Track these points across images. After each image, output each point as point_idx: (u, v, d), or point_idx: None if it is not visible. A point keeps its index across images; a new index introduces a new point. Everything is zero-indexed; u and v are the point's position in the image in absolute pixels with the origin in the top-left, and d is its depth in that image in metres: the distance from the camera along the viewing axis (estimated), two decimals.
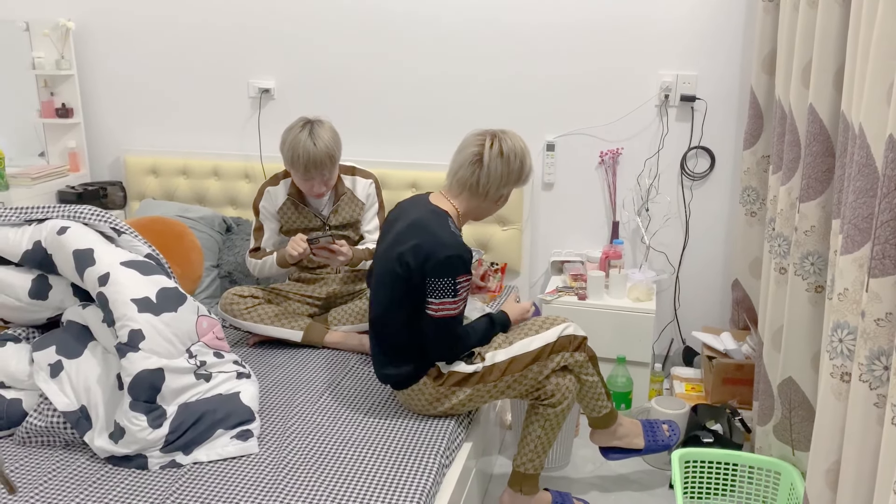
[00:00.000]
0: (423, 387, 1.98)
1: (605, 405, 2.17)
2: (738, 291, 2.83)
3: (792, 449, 2.06)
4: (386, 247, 1.98)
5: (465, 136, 2.04)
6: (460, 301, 1.90)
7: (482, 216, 2.08)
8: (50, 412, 1.87)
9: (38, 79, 3.38)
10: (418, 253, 1.87)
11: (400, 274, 1.90)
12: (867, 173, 1.37)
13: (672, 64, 2.89)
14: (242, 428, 1.90)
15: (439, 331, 1.91)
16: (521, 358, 1.99)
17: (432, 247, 1.86)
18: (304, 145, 2.32)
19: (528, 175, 2.03)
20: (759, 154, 2.66)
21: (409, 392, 2.00)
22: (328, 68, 3.21)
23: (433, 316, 1.89)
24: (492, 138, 1.97)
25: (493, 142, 1.96)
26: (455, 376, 1.99)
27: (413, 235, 1.90)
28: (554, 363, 2.02)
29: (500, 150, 1.96)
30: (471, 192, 1.99)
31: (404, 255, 1.89)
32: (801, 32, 2.01)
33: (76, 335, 1.99)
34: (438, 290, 1.87)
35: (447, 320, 1.90)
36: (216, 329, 2.04)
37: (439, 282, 1.86)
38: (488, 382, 1.99)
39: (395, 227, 1.99)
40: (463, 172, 1.98)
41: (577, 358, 2.06)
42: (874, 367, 1.30)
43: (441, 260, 1.85)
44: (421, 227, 1.91)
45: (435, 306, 1.88)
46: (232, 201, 3.34)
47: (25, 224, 2.10)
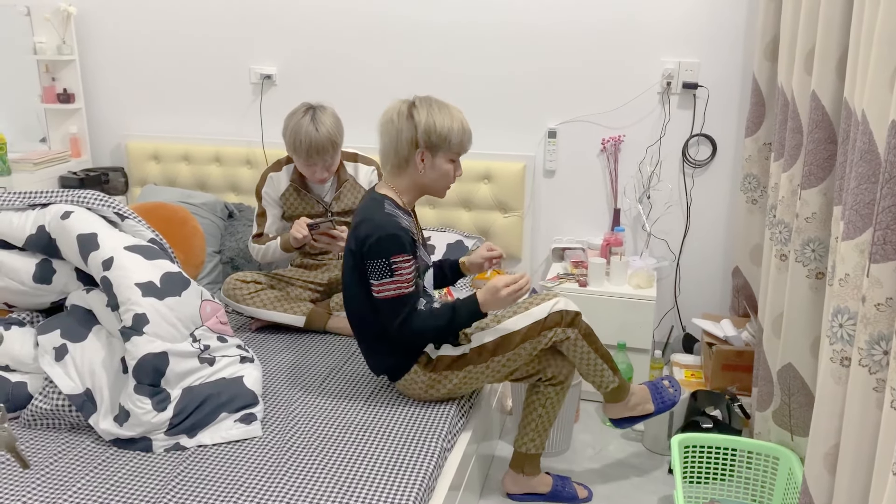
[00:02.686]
0: (415, 375, 2.00)
1: (612, 380, 2.10)
2: (738, 278, 2.84)
3: (791, 434, 2.08)
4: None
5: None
6: (401, 282, 1.88)
7: (427, 190, 2.01)
8: (55, 395, 1.88)
9: (40, 64, 3.37)
10: (357, 237, 1.91)
11: (354, 263, 1.94)
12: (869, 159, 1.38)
13: (674, 51, 2.89)
14: (246, 411, 1.91)
15: (384, 311, 1.91)
16: (511, 337, 1.98)
17: (367, 229, 1.88)
18: (307, 130, 2.32)
19: (427, 135, 1.90)
20: (761, 141, 2.66)
21: (403, 382, 2.01)
22: (330, 54, 3.20)
23: (376, 297, 1.91)
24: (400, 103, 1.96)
25: (390, 110, 1.94)
26: (444, 360, 1.99)
27: (354, 222, 1.95)
28: (547, 339, 1.99)
29: (391, 117, 1.93)
30: (390, 167, 1.98)
31: (350, 243, 1.94)
32: (805, 19, 2.01)
33: (80, 319, 2.00)
34: (376, 272, 1.89)
35: (390, 301, 1.89)
36: (220, 313, 2.05)
37: (375, 262, 1.88)
38: (479, 364, 1.99)
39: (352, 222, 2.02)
40: (382, 147, 1.97)
41: (569, 334, 2.01)
42: (874, 351, 1.32)
43: (374, 241, 1.87)
44: (359, 214, 1.96)
45: (376, 287, 1.90)
46: (233, 187, 3.34)
47: (29, 208, 2.10)
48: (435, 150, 1.94)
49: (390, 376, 2.03)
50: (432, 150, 1.93)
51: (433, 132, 1.91)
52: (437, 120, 1.91)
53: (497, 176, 3.05)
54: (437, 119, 1.91)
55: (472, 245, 3.00)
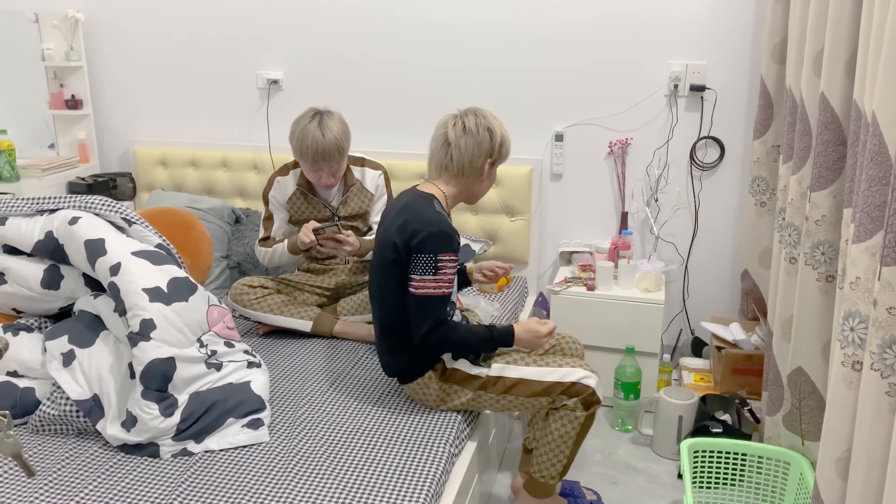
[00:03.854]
0: (428, 381, 1.98)
1: (554, 476, 2.03)
2: (747, 282, 2.82)
3: (801, 439, 2.06)
4: (379, 237, 2.00)
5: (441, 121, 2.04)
6: (442, 282, 1.88)
7: (473, 197, 2.07)
8: (63, 401, 1.88)
9: (48, 70, 3.39)
10: (404, 231, 1.89)
11: (392, 259, 1.91)
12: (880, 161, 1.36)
13: (681, 53, 2.87)
14: (253, 417, 1.91)
15: (420, 308, 1.88)
16: (531, 384, 1.96)
17: (416, 224, 1.88)
18: (314, 136, 2.32)
19: (500, 146, 2.00)
20: (769, 144, 2.65)
21: (414, 386, 2.00)
22: (336, 59, 3.21)
23: (413, 293, 1.88)
24: (454, 118, 1.99)
25: (457, 121, 1.98)
26: (458, 374, 1.98)
27: (400, 217, 1.93)
28: (560, 402, 1.97)
29: (463, 127, 1.96)
30: (449, 173, 2.00)
31: (394, 237, 1.91)
32: (813, 20, 2.00)
33: (88, 324, 2.00)
34: (419, 266, 1.87)
35: (428, 298, 1.87)
36: (227, 319, 2.05)
37: (421, 257, 1.87)
38: (490, 392, 1.97)
39: (387, 218, 2.00)
40: (437, 156, 2.00)
41: (578, 414, 1.97)
42: (886, 355, 1.30)
43: (424, 236, 1.86)
44: (407, 209, 1.94)
45: (416, 283, 1.88)
46: (241, 192, 3.34)
47: (37, 214, 2.11)
48: (498, 161, 2.03)
49: (403, 378, 2.01)
50: (497, 160, 2.03)
51: (504, 144, 2.02)
52: (505, 133, 2.03)
53: (504, 179, 3.04)
54: (505, 132, 2.03)
55: (479, 249, 3.00)
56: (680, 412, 2.48)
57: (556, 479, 2.04)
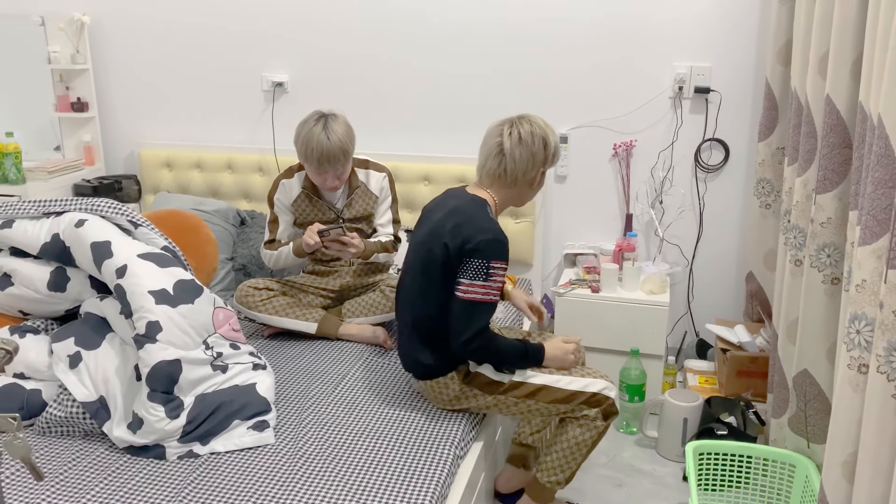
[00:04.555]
0: (449, 381, 1.97)
1: (559, 482, 2.03)
2: (752, 284, 2.82)
3: (807, 441, 2.05)
4: (423, 234, 1.97)
5: (489, 129, 2.03)
6: (491, 289, 1.87)
7: (521, 202, 2.08)
8: (69, 403, 1.89)
9: (54, 73, 3.41)
10: (457, 234, 1.88)
11: (439, 259, 1.89)
12: (886, 164, 1.36)
13: (686, 55, 2.87)
14: (259, 419, 1.91)
15: (465, 313, 1.86)
16: (554, 391, 1.96)
17: (471, 229, 1.87)
18: (318, 139, 2.33)
19: (554, 154, 2.01)
20: (774, 146, 2.64)
21: (433, 383, 1.99)
22: (341, 62, 3.21)
23: (461, 297, 1.86)
24: (510, 126, 1.97)
25: (511, 129, 1.97)
26: (480, 378, 1.97)
27: (452, 220, 1.91)
28: (580, 412, 1.98)
29: (518, 137, 1.96)
30: (501, 182, 2.00)
31: (444, 238, 1.89)
32: (818, 22, 1.99)
33: (94, 327, 2.01)
34: (470, 271, 1.86)
35: (475, 304, 1.86)
36: (232, 321, 2.05)
37: (473, 262, 1.86)
38: (511, 397, 1.97)
39: (433, 217, 1.98)
40: (490, 164, 1.98)
41: (598, 424, 1.99)
42: (892, 358, 1.30)
43: (478, 241, 1.86)
44: (460, 213, 1.93)
45: (464, 287, 1.86)
46: (246, 194, 3.35)
47: (44, 217, 2.12)
48: (549, 167, 2.05)
49: (422, 375, 1.99)
50: (548, 167, 2.03)
51: (557, 152, 2.03)
52: (557, 140, 2.03)
53: None
54: (556, 139, 2.03)
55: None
56: (685, 414, 2.47)
57: (562, 484, 2.04)
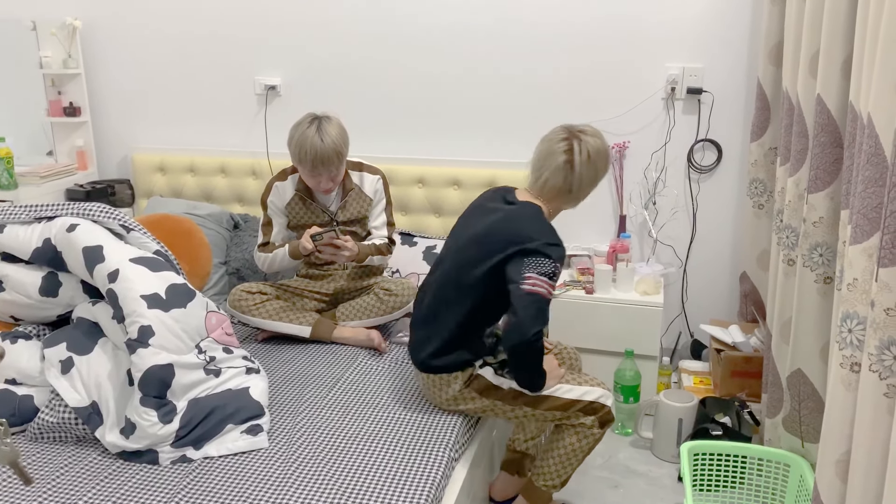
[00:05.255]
0: (452, 380, 1.96)
1: (555, 486, 2.04)
2: (746, 284, 2.82)
3: (801, 441, 2.06)
4: (481, 229, 1.95)
5: (545, 140, 2.01)
6: (553, 289, 1.86)
7: (557, 212, 2.09)
8: (61, 408, 1.88)
9: (46, 78, 3.40)
10: (521, 233, 1.87)
11: (496, 255, 1.88)
12: (876, 163, 1.36)
13: (678, 56, 2.88)
14: (252, 423, 1.90)
15: (535, 306, 1.81)
16: (552, 399, 1.97)
17: (541, 232, 1.88)
18: (312, 141, 2.33)
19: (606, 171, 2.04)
20: (767, 146, 2.65)
21: (436, 379, 1.97)
22: (334, 64, 3.21)
23: (529, 289, 1.81)
24: (577, 142, 1.96)
25: (580, 146, 1.95)
26: (481, 381, 1.97)
27: (515, 221, 1.91)
28: (577, 420, 1.98)
29: (588, 155, 1.95)
30: (560, 197, 2.00)
31: (507, 235, 1.88)
32: (809, 22, 2.00)
33: (86, 332, 2.00)
34: (540, 266, 1.84)
35: (542, 299, 1.82)
36: (225, 325, 2.05)
37: (543, 260, 1.84)
38: (508, 403, 1.97)
39: (490, 216, 1.96)
40: (554, 179, 1.97)
41: (595, 432, 1.99)
42: (884, 356, 1.30)
43: (547, 243, 1.86)
44: (524, 216, 1.93)
45: (533, 280, 1.82)
46: (239, 198, 3.35)
47: (35, 222, 2.11)
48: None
49: (430, 368, 1.97)
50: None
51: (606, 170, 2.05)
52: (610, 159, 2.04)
53: (502, 184, 3.04)
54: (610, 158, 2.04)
55: None
56: (680, 415, 2.48)
57: (557, 488, 2.04)
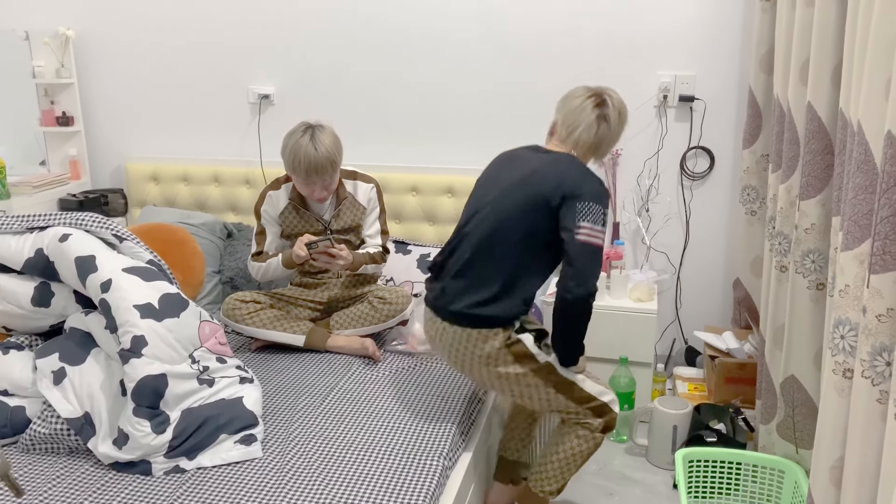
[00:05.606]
0: (493, 336, 1.88)
1: (552, 490, 2.04)
2: (739, 290, 2.83)
3: (795, 447, 2.06)
4: (520, 176, 1.92)
5: (571, 97, 2.00)
6: (604, 236, 1.86)
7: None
8: (53, 419, 1.87)
9: (39, 87, 3.39)
10: (569, 180, 1.85)
11: (553, 206, 1.85)
12: (866, 170, 1.37)
13: (670, 64, 2.90)
14: (246, 432, 1.90)
15: (591, 256, 1.80)
16: (576, 389, 1.95)
17: (586, 178, 1.87)
18: (306, 150, 2.33)
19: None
20: (759, 153, 2.66)
21: (473, 332, 1.89)
22: (327, 73, 3.22)
23: (585, 240, 1.80)
24: (607, 97, 1.97)
25: (610, 100, 1.97)
26: (520, 347, 1.90)
27: (561, 164, 1.90)
28: (584, 417, 1.98)
29: (619, 110, 1.98)
30: (590, 153, 2.00)
31: (555, 183, 1.86)
32: (799, 30, 2.02)
33: (79, 342, 2.00)
34: (592, 214, 1.82)
35: (597, 249, 1.82)
36: (218, 334, 2.04)
37: (593, 206, 1.83)
38: (536, 378, 1.92)
39: (528, 163, 1.94)
40: (585, 135, 1.96)
41: (596, 434, 1.99)
42: (876, 363, 1.31)
43: (596, 188, 1.86)
44: (568, 161, 1.92)
45: (587, 230, 1.81)
46: (233, 207, 3.34)
47: (27, 232, 2.10)
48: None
49: (473, 321, 1.89)
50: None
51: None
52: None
53: None
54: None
55: None
56: (674, 422, 2.48)
57: (554, 494, 2.04)
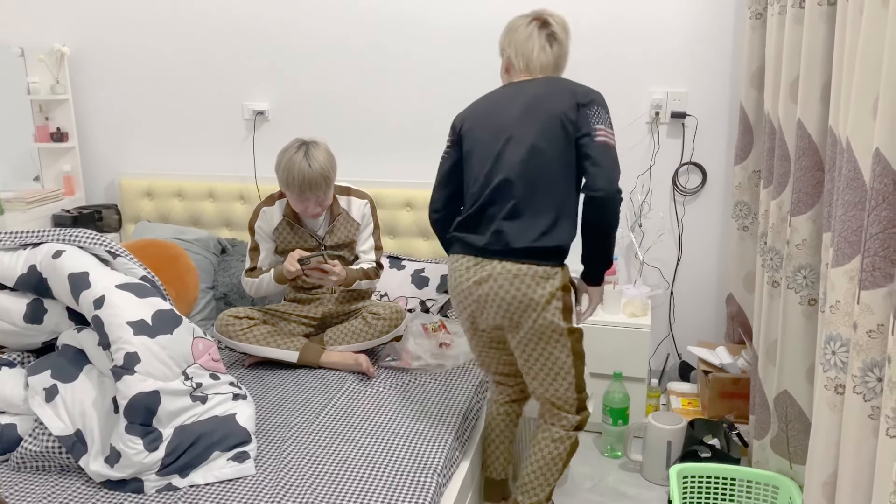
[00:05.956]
0: (553, 274, 1.92)
1: (542, 500, 2.06)
2: (732, 305, 2.84)
3: (789, 462, 2.06)
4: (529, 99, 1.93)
5: (514, 29, 2.01)
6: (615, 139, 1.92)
7: None
8: (45, 437, 1.86)
9: (33, 104, 3.40)
10: (577, 92, 1.90)
11: (560, 122, 1.88)
12: (855, 186, 1.39)
13: (662, 81, 2.92)
14: (239, 450, 1.89)
15: (611, 156, 1.86)
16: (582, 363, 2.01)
17: (586, 88, 1.92)
18: (300, 166, 2.34)
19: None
20: (750, 169, 2.68)
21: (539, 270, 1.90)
22: (322, 89, 3.23)
23: (604, 141, 1.86)
24: (548, 17, 1.99)
25: (552, 19, 1.99)
26: (568, 299, 1.95)
27: (559, 84, 1.93)
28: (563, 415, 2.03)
29: (562, 24, 2.00)
30: (553, 72, 2.02)
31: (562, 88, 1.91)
32: (788, 49, 2.04)
33: (71, 359, 1.99)
34: (601, 118, 1.88)
35: (612, 147, 1.87)
36: (212, 351, 2.04)
37: (603, 111, 1.89)
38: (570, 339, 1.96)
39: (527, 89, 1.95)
40: (544, 57, 1.98)
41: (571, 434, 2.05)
42: (868, 378, 1.31)
43: (600, 95, 1.91)
44: (559, 80, 1.94)
45: (603, 132, 1.86)
46: (227, 223, 3.34)
47: (20, 248, 2.10)
48: None
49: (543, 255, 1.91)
50: None
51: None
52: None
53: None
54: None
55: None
56: (668, 437, 2.47)
57: (544, 502, 2.05)
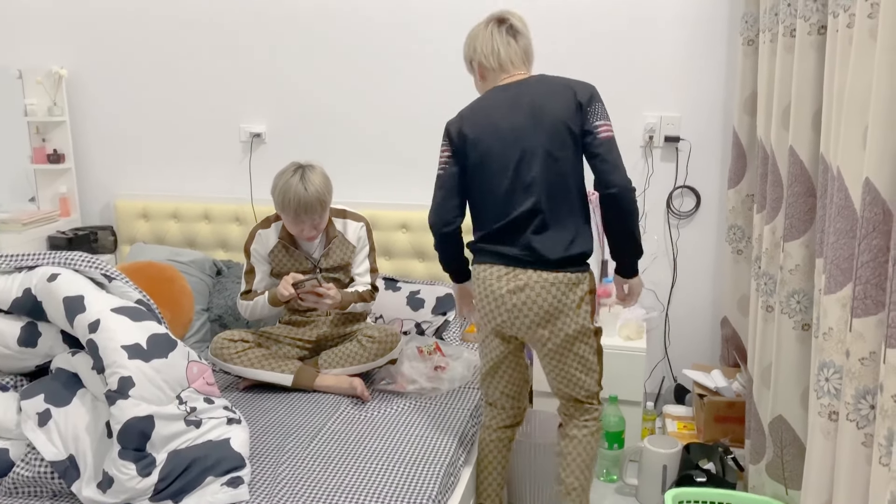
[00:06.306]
0: (582, 279, 1.97)
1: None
2: (727, 329, 2.84)
3: (785, 487, 2.06)
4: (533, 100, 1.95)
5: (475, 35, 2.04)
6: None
7: None
8: (37, 462, 1.84)
9: (31, 125, 3.41)
10: (578, 89, 1.94)
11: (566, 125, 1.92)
12: (846, 215, 1.40)
13: (656, 105, 2.95)
14: (233, 475, 1.88)
15: (617, 151, 1.92)
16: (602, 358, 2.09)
17: (579, 83, 1.96)
18: (296, 190, 2.35)
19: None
20: (744, 193, 2.70)
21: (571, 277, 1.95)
22: (318, 113, 3.25)
23: (606, 135, 1.91)
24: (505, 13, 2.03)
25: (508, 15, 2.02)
26: (593, 300, 2.02)
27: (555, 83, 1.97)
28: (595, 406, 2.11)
29: (519, 18, 2.03)
30: (527, 65, 2.06)
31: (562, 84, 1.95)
32: (780, 76, 2.07)
33: (65, 383, 1.98)
34: (602, 113, 1.93)
35: (614, 141, 1.93)
36: (206, 374, 2.03)
37: (600, 105, 1.94)
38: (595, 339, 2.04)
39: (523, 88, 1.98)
40: (513, 54, 2.02)
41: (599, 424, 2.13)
42: (860, 406, 1.32)
43: (594, 87, 1.96)
44: (550, 78, 1.99)
45: (606, 127, 1.92)
46: (223, 244, 3.35)
47: (16, 271, 2.10)
48: None
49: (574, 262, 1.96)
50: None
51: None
52: None
53: None
54: None
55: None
56: (664, 461, 2.47)
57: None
